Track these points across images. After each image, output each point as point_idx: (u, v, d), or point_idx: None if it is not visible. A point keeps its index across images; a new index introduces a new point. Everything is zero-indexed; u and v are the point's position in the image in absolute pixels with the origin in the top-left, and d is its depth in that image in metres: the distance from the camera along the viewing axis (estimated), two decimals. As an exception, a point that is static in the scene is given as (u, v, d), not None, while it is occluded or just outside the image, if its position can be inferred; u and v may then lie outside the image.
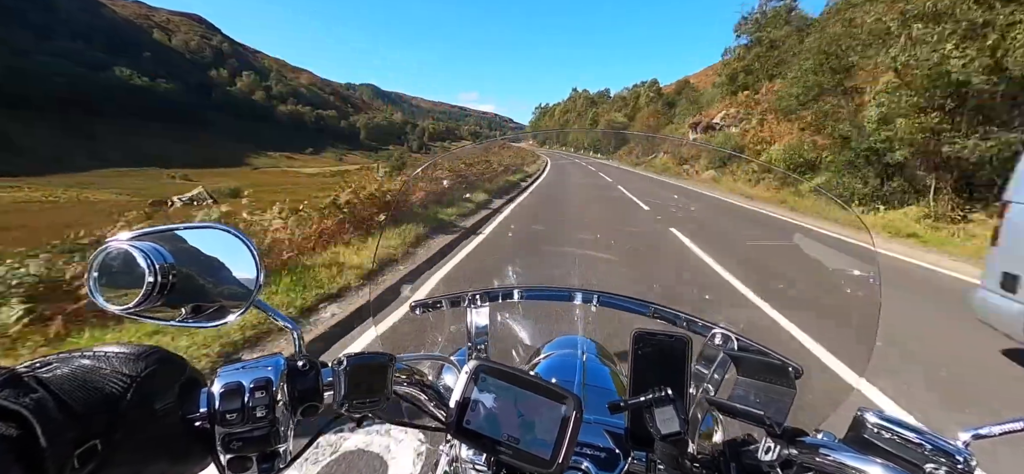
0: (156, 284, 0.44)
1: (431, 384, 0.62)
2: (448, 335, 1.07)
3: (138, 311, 0.44)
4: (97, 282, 0.45)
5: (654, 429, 0.51)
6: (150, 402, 0.38)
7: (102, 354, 0.39)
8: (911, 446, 0.47)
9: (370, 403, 0.51)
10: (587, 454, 0.62)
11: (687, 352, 0.62)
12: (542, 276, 1.17)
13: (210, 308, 0.49)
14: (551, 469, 0.50)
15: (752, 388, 0.60)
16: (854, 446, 0.50)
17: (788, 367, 0.61)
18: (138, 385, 0.38)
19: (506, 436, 0.51)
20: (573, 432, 0.51)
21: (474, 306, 0.94)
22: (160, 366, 0.41)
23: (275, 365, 0.46)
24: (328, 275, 4.75)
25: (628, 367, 0.63)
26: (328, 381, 0.49)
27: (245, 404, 0.42)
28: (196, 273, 0.48)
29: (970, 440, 0.46)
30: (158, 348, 0.42)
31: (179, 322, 0.49)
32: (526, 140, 27.58)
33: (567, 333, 1.10)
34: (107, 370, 0.37)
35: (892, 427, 0.49)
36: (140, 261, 0.43)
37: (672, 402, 0.51)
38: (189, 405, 0.42)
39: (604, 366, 0.95)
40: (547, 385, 0.53)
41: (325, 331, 3.68)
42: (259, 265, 0.50)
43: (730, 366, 0.73)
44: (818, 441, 0.52)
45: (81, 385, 0.35)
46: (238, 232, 0.50)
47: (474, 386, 0.53)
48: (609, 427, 0.65)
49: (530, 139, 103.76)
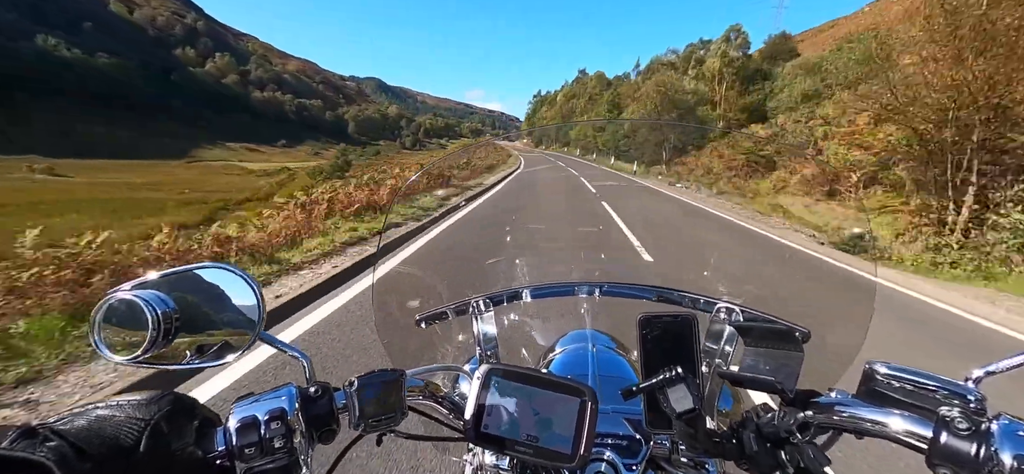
0: (160, 331, 0.45)
1: (445, 395, 0.63)
2: (457, 345, 1.02)
3: (144, 359, 0.45)
4: (101, 334, 0.45)
5: (669, 409, 0.51)
6: (166, 445, 0.39)
7: (115, 403, 0.40)
8: (923, 391, 0.48)
9: (386, 420, 0.53)
10: (609, 443, 0.62)
11: (694, 330, 0.61)
12: (544, 274, 1.17)
13: (214, 347, 0.50)
14: (573, 463, 0.51)
15: (761, 357, 0.60)
16: (867, 399, 0.50)
17: (795, 332, 0.63)
18: (152, 429, 0.38)
19: (525, 436, 0.52)
20: (591, 424, 0.52)
21: (479, 312, 0.92)
22: (174, 407, 0.41)
23: (288, 394, 0.47)
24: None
25: (638, 352, 0.62)
26: (342, 404, 0.51)
27: (262, 436, 0.44)
28: (199, 314, 0.50)
29: (980, 377, 0.46)
30: (170, 391, 0.43)
31: (185, 364, 0.49)
32: (517, 139, 34.99)
33: (575, 328, 1.11)
34: (121, 417, 0.38)
35: (903, 375, 0.49)
36: (143, 309, 0.44)
37: (684, 380, 0.50)
38: (207, 444, 0.43)
39: (616, 355, 0.96)
40: (560, 380, 0.54)
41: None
42: (260, 300, 0.51)
43: (738, 339, 0.71)
44: (832, 400, 0.51)
45: (97, 433, 0.36)
46: (237, 269, 0.52)
47: (488, 391, 0.53)
48: (627, 415, 0.66)
49: (524, 138, 77.14)
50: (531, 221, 3.69)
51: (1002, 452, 0.37)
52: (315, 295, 4.11)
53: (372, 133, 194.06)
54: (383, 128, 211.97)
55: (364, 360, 2.95)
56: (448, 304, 0.97)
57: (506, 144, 32.62)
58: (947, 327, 4.72)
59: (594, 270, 1.38)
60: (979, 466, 0.38)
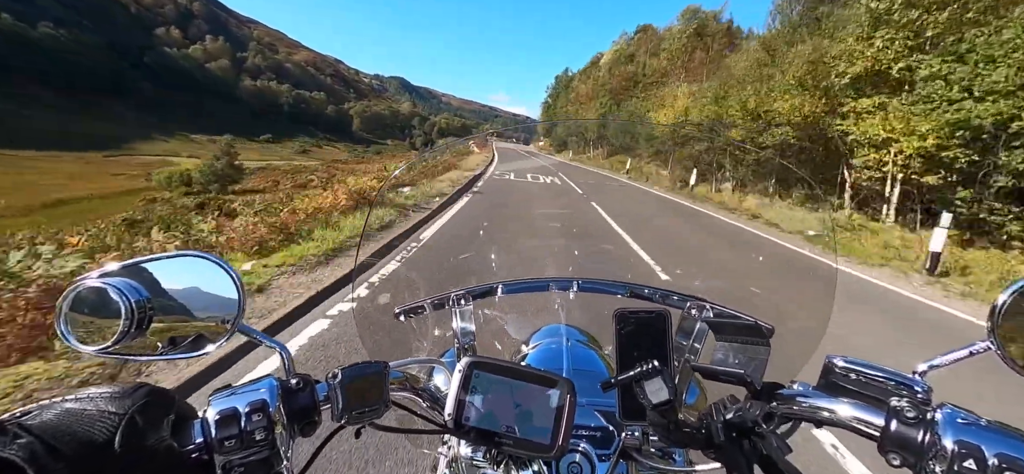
0: (133, 320, 0.42)
1: (425, 387, 0.64)
2: (433, 338, 1.01)
3: (115, 350, 0.43)
4: (69, 323, 0.43)
5: (645, 401, 0.52)
6: (141, 438, 0.37)
7: (86, 396, 0.38)
8: (876, 383, 0.51)
9: (369, 412, 0.53)
10: (583, 435, 0.64)
11: (667, 325, 0.63)
12: (521, 270, 1.19)
13: (190, 338, 0.49)
14: (552, 453, 0.53)
15: (731, 350, 0.63)
16: (826, 391, 0.53)
17: (761, 327, 0.66)
18: (127, 423, 0.37)
19: (504, 428, 0.53)
20: (569, 415, 0.54)
21: (457, 306, 0.92)
22: (149, 400, 0.40)
23: (269, 387, 0.47)
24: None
25: (613, 347, 0.64)
26: (323, 396, 0.51)
27: (243, 429, 0.43)
28: (174, 304, 0.48)
29: (925, 371, 0.50)
30: (145, 384, 0.41)
31: (159, 356, 0.48)
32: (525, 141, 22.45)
33: (550, 323, 1.12)
34: (93, 411, 0.37)
35: (858, 368, 0.52)
36: (114, 297, 0.42)
37: (660, 373, 0.52)
38: (183, 437, 0.42)
39: (588, 350, 0.97)
40: (539, 373, 0.56)
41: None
42: (240, 289, 0.49)
43: (708, 334, 0.76)
44: (794, 391, 0.54)
45: (68, 429, 0.34)
46: (216, 258, 0.49)
47: (468, 383, 0.54)
48: (600, 407, 0.67)
49: (541, 139, 53.40)
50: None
51: (944, 438, 0.40)
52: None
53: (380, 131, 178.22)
54: (393, 126, 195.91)
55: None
56: (426, 298, 0.97)
57: (512, 147, 16.41)
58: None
59: (572, 251, 1.49)
60: (924, 451, 0.42)
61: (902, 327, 4.80)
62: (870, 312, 5.16)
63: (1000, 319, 0.47)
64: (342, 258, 4.86)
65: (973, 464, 0.39)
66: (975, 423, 0.41)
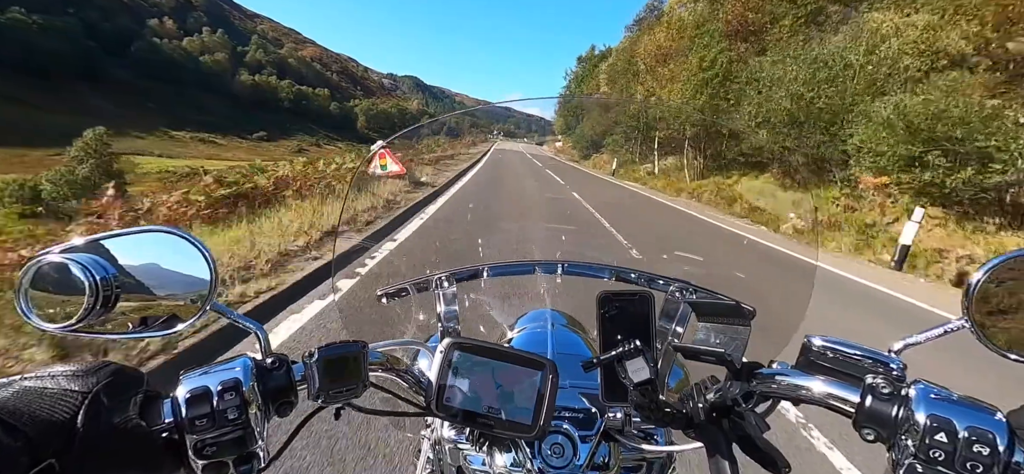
0: (98, 297, 0.41)
1: (407, 369, 0.63)
2: (417, 321, 1.02)
3: (79, 327, 0.41)
4: (29, 299, 0.41)
5: (627, 380, 0.53)
6: (108, 417, 0.36)
7: (47, 374, 0.37)
8: (852, 361, 0.52)
9: (347, 392, 0.51)
10: (566, 416, 0.64)
11: (650, 307, 0.63)
12: (506, 252, 1.20)
13: (161, 317, 0.47)
14: (533, 434, 0.54)
15: (712, 331, 0.64)
16: (804, 369, 0.54)
17: (743, 308, 0.66)
18: (91, 401, 0.36)
19: (487, 409, 0.54)
20: (551, 396, 0.54)
21: (441, 289, 0.92)
22: (115, 379, 0.38)
23: (243, 365, 0.46)
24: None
25: (596, 329, 0.63)
26: (300, 376, 0.50)
27: (215, 408, 0.42)
28: (143, 281, 0.46)
29: (901, 349, 0.51)
30: (110, 362, 0.40)
31: (128, 334, 0.47)
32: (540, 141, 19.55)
33: (535, 306, 1.13)
34: (54, 389, 0.35)
35: (835, 346, 0.53)
36: (78, 273, 0.40)
37: (641, 352, 0.53)
38: (152, 417, 0.41)
39: (572, 333, 0.98)
40: (522, 354, 0.56)
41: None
42: (213, 267, 0.47)
43: (690, 315, 0.76)
44: (773, 371, 0.55)
45: (27, 407, 0.33)
46: (187, 234, 0.47)
47: (450, 365, 0.55)
48: (583, 390, 0.68)
49: (559, 137, 42.55)
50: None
51: (917, 413, 0.41)
52: None
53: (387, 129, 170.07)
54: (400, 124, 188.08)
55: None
56: (410, 280, 0.95)
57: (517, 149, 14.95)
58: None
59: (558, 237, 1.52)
60: (897, 426, 0.43)
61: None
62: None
63: (974, 297, 0.47)
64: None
65: (944, 437, 0.39)
66: (947, 398, 0.42)
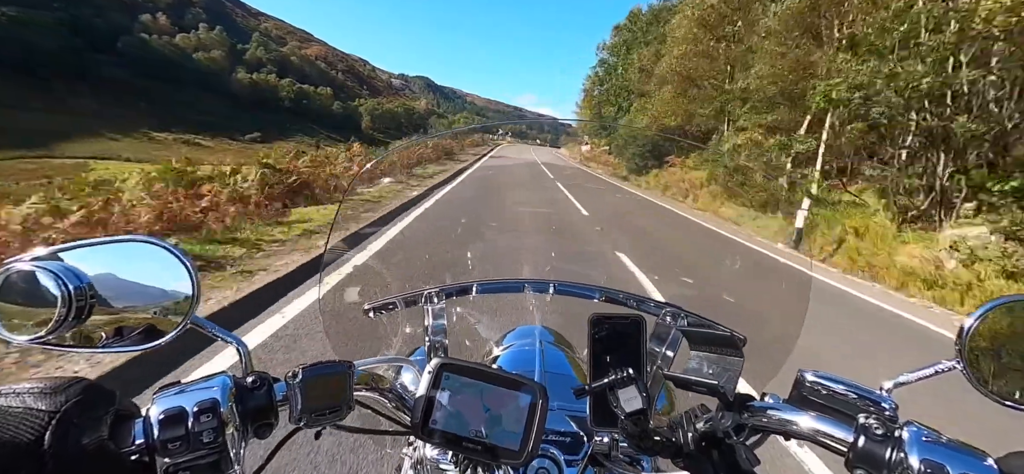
0: (70, 308, 0.39)
1: (391, 387, 0.62)
2: (403, 336, 1.01)
3: (50, 340, 0.39)
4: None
5: (618, 409, 0.52)
6: (77, 437, 0.35)
7: (11, 392, 0.35)
8: (844, 399, 0.52)
9: (330, 414, 0.50)
10: (553, 440, 0.63)
11: (642, 332, 0.62)
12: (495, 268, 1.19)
13: (138, 329, 0.45)
14: (520, 459, 0.52)
15: (705, 360, 0.64)
16: (796, 404, 0.54)
17: (735, 338, 0.67)
18: (59, 421, 0.34)
19: (473, 432, 0.52)
20: (540, 421, 0.52)
21: (430, 304, 0.91)
22: (84, 397, 0.37)
23: (221, 385, 0.44)
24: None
25: (587, 351, 0.62)
26: (282, 396, 0.48)
27: (190, 430, 0.40)
28: (119, 292, 0.44)
29: (892, 388, 0.51)
30: (81, 379, 0.38)
31: (102, 348, 0.45)
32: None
33: (522, 322, 1.12)
34: (19, 408, 0.34)
35: (827, 383, 0.53)
36: (48, 283, 0.38)
37: (634, 382, 0.52)
38: (122, 437, 0.39)
39: (561, 353, 0.97)
40: (511, 377, 0.54)
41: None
42: (194, 279, 0.45)
43: (681, 342, 0.76)
44: (765, 404, 0.55)
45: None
46: (167, 244, 0.46)
47: (438, 385, 0.53)
48: (571, 412, 0.68)
49: (585, 141, 35.66)
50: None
51: (910, 456, 0.41)
52: None
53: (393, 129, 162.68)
54: (406, 124, 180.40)
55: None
56: (398, 294, 0.94)
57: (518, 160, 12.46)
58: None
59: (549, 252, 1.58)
60: (891, 468, 0.43)
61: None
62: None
63: (968, 340, 0.48)
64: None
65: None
66: (939, 441, 0.42)
